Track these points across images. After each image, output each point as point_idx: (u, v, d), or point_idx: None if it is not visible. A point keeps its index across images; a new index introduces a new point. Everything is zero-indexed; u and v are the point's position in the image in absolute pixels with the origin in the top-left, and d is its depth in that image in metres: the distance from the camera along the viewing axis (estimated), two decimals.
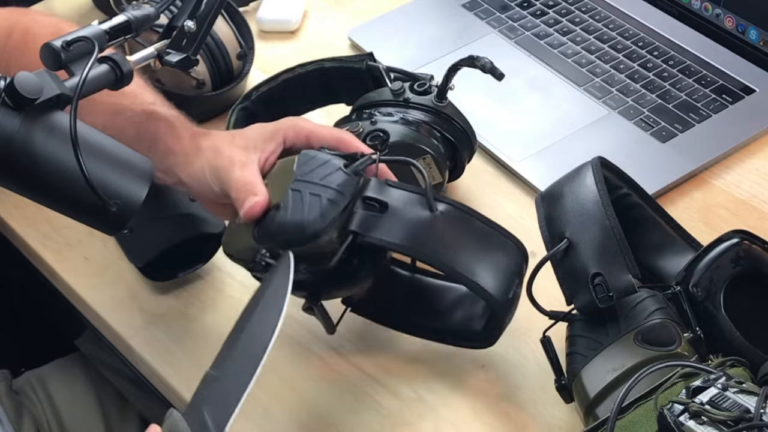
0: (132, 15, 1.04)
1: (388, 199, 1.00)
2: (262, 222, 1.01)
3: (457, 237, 1.01)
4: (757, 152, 1.28)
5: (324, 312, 1.03)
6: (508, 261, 1.02)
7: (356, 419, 1.06)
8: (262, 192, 1.01)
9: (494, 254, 1.01)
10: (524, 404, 1.05)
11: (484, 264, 1.00)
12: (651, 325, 0.97)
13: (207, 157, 1.06)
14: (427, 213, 1.00)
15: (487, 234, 1.02)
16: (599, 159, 1.07)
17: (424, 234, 1.00)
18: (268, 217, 1.00)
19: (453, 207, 1.01)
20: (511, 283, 1.01)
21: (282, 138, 1.06)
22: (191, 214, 1.18)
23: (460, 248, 1.01)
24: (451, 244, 1.00)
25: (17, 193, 0.93)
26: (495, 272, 1.01)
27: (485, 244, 1.01)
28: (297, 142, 1.06)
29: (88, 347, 1.37)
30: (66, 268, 1.23)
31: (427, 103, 1.18)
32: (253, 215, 1.00)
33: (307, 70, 1.27)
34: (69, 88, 0.92)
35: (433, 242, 1.00)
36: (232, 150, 1.05)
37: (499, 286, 1.00)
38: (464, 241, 1.01)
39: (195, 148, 1.07)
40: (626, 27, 1.42)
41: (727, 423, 0.81)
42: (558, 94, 1.35)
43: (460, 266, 1.00)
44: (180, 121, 1.10)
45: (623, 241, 0.99)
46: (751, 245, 1.02)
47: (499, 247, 1.02)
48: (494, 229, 1.03)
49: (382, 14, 1.49)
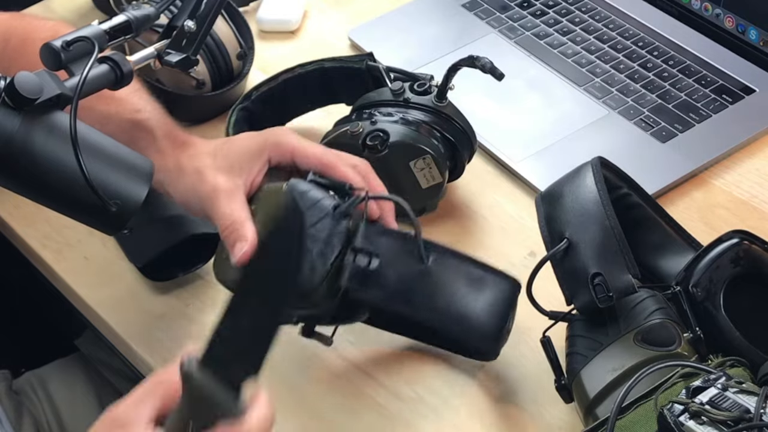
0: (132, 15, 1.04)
1: (379, 249, 0.99)
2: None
3: (449, 285, 1.01)
4: (757, 152, 1.28)
5: (318, 334, 1.04)
6: (500, 301, 1.02)
7: (356, 419, 1.06)
8: (252, 234, 0.99)
9: (490, 301, 1.02)
10: (524, 404, 1.05)
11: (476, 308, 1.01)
12: (651, 325, 0.97)
13: (191, 180, 1.05)
14: (419, 265, 1.00)
15: (478, 277, 1.02)
16: (599, 159, 1.07)
17: (416, 288, 1.00)
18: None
19: (444, 255, 1.01)
20: (504, 321, 1.02)
21: (267, 156, 1.05)
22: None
23: (452, 297, 1.01)
24: (443, 294, 1.01)
25: (17, 193, 0.93)
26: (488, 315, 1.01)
27: (480, 290, 1.02)
28: (282, 160, 1.05)
29: (88, 347, 1.37)
30: (66, 268, 1.23)
31: (427, 103, 1.18)
32: (244, 263, 0.98)
33: (307, 70, 1.27)
34: (69, 88, 0.92)
35: (425, 296, 1.00)
36: (215, 175, 1.04)
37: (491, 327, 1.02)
38: (455, 289, 1.01)
39: (177, 168, 1.06)
40: (626, 27, 1.42)
41: (727, 423, 0.81)
42: (558, 94, 1.35)
43: (452, 316, 1.01)
44: (163, 131, 1.09)
45: (623, 241, 0.99)
46: (751, 245, 1.02)
47: (494, 292, 1.02)
48: (485, 271, 1.03)
49: (382, 14, 1.49)
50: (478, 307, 1.01)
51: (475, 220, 1.22)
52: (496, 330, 1.02)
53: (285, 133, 1.07)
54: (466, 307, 1.01)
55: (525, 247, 1.17)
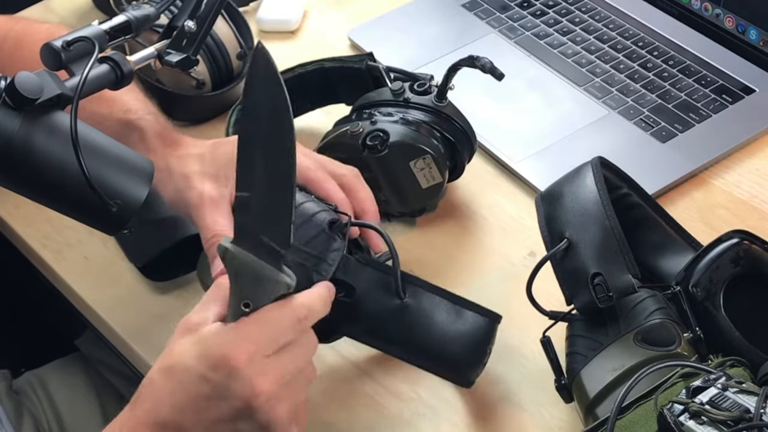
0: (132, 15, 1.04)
1: (356, 282, 0.99)
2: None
3: (425, 322, 1.00)
4: (757, 152, 1.28)
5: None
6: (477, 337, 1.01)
7: (356, 419, 1.06)
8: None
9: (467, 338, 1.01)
10: (524, 404, 1.05)
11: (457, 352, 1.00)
12: (651, 325, 0.97)
13: (178, 185, 1.05)
14: (396, 301, 0.99)
15: (459, 316, 1.01)
16: (599, 159, 1.07)
17: (391, 324, 0.99)
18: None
19: (421, 291, 1.00)
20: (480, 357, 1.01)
21: None
22: None
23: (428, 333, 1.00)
24: (418, 330, 1.00)
25: (17, 193, 0.93)
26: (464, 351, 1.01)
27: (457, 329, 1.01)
28: None
29: (88, 347, 1.37)
30: (66, 268, 1.23)
31: (427, 103, 1.18)
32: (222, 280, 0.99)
33: (307, 70, 1.27)
34: (69, 88, 0.92)
35: (400, 332, 1.00)
36: (202, 182, 1.04)
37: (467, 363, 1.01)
38: (432, 326, 1.00)
39: (166, 169, 1.06)
40: (626, 27, 1.42)
41: (727, 423, 0.81)
42: (558, 94, 1.35)
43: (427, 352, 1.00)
44: (152, 129, 1.09)
45: (623, 241, 0.99)
46: (751, 245, 1.02)
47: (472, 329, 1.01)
48: (463, 307, 1.01)
49: (382, 14, 1.49)
50: (455, 344, 1.00)
51: (475, 220, 1.22)
52: (471, 365, 1.02)
53: None
54: (441, 344, 1.00)
55: (525, 247, 1.17)
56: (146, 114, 1.11)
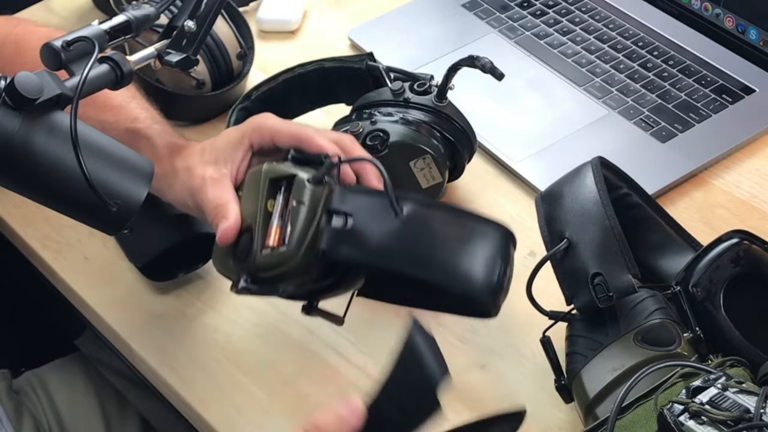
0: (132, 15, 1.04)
1: (352, 208, 0.97)
2: (238, 248, 1.00)
3: (429, 237, 0.97)
4: (757, 152, 1.28)
5: (324, 312, 1.02)
6: (486, 247, 0.97)
7: None
8: (234, 214, 1.00)
9: (473, 247, 0.97)
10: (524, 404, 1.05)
11: (463, 261, 0.96)
12: (651, 325, 0.97)
13: (182, 179, 1.06)
14: (393, 218, 0.97)
15: (462, 226, 0.98)
16: (599, 159, 1.07)
17: (393, 241, 0.97)
18: (242, 243, 0.99)
19: (419, 205, 0.98)
20: (493, 268, 0.97)
21: (248, 143, 1.05)
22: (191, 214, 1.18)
23: (434, 249, 0.97)
24: (422, 244, 0.97)
25: (17, 193, 0.93)
26: (472, 263, 0.96)
27: (461, 238, 0.97)
28: (263, 143, 1.05)
29: (88, 347, 1.37)
30: (66, 268, 1.23)
31: (427, 103, 1.18)
32: (226, 241, 0.99)
33: (307, 70, 1.27)
34: (69, 88, 0.92)
35: (404, 248, 0.97)
36: (203, 168, 1.05)
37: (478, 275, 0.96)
38: (437, 240, 0.97)
39: (172, 171, 1.07)
40: (626, 27, 1.42)
41: (727, 423, 0.81)
42: (558, 94, 1.35)
43: (435, 265, 0.97)
44: (160, 138, 1.10)
45: (623, 241, 0.99)
46: (751, 245, 1.02)
47: (478, 237, 0.98)
48: (470, 218, 0.99)
49: (382, 14, 1.49)
50: (464, 255, 0.97)
51: None
52: (486, 278, 0.97)
53: (264, 117, 1.08)
54: (449, 255, 0.96)
55: (525, 247, 1.17)
56: (153, 123, 1.12)
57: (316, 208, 0.97)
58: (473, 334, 1.12)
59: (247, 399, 1.09)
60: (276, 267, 0.96)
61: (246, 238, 0.99)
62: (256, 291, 0.98)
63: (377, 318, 1.14)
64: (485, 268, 0.96)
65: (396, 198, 0.97)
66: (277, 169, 1.00)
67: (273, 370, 1.11)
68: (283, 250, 0.96)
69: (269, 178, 1.00)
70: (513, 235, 0.98)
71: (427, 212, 0.98)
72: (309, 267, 0.97)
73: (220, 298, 1.18)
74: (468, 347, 1.11)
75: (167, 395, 1.13)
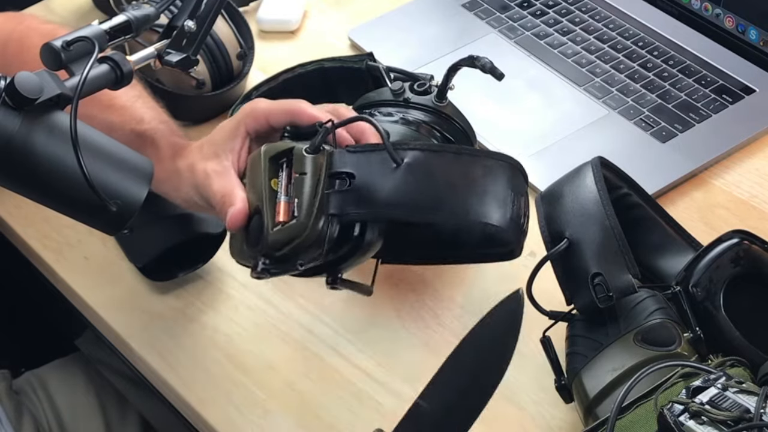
0: (132, 15, 1.04)
1: (353, 167, 0.97)
2: (250, 233, 1.00)
3: (434, 180, 0.97)
4: (757, 152, 1.28)
5: (350, 283, 1.01)
6: (496, 182, 0.97)
7: (356, 419, 1.06)
8: (240, 199, 1.00)
9: (479, 182, 0.97)
10: (524, 404, 1.05)
11: (471, 197, 0.96)
12: (651, 325, 0.97)
13: (186, 178, 1.06)
14: (395, 169, 0.96)
15: (465, 164, 0.98)
16: (599, 159, 1.07)
17: (398, 192, 0.96)
18: (253, 226, 0.99)
19: (419, 151, 0.97)
20: (505, 200, 0.97)
21: (244, 130, 1.05)
22: (191, 214, 1.18)
23: (440, 191, 0.97)
24: (430, 189, 0.97)
25: (17, 193, 0.93)
26: (485, 200, 0.96)
27: (465, 176, 0.97)
28: (259, 128, 1.05)
29: (88, 347, 1.37)
30: (66, 268, 1.23)
31: (427, 103, 1.18)
32: (235, 226, 0.99)
33: (307, 70, 1.27)
34: (69, 88, 0.92)
35: (410, 196, 0.96)
36: (204, 163, 1.05)
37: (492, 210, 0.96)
38: (442, 182, 0.97)
39: (176, 172, 1.07)
40: (626, 27, 1.42)
41: (727, 423, 0.81)
42: (558, 94, 1.35)
43: (445, 211, 0.96)
44: (164, 140, 1.09)
45: (623, 241, 0.99)
46: (751, 245, 1.02)
47: (482, 172, 0.97)
48: (472, 155, 0.98)
49: (382, 14, 1.49)
50: (473, 193, 0.96)
51: None
52: (500, 211, 0.96)
53: (255, 102, 1.07)
54: (457, 195, 0.96)
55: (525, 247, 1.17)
56: (158, 123, 1.12)
57: (318, 176, 0.97)
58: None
59: (247, 399, 1.09)
60: (290, 242, 0.96)
61: (256, 220, 0.99)
62: (276, 271, 0.97)
63: (377, 318, 1.14)
64: (498, 203, 0.96)
65: (394, 148, 0.97)
66: (274, 147, 1.01)
67: (273, 370, 1.11)
68: (293, 223, 0.96)
69: (268, 157, 1.00)
70: (521, 166, 0.99)
71: (428, 157, 0.97)
72: (322, 235, 0.96)
73: (220, 298, 1.18)
74: None
75: (167, 395, 1.13)
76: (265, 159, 1.00)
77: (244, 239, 1.00)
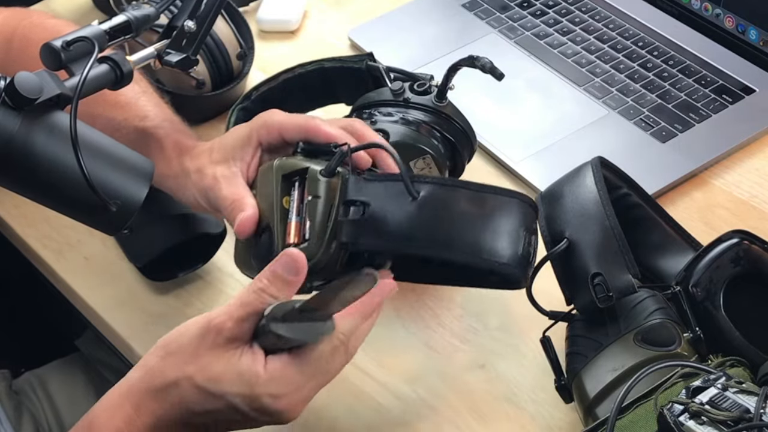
0: (132, 15, 1.04)
1: (369, 197, 0.97)
2: (257, 247, 1.00)
3: (448, 216, 0.97)
4: (757, 152, 1.28)
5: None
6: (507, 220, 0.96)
7: (356, 419, 1.06)
8: (251, 206, 1.00)
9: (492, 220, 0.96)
10: (524, 404, 1.05)
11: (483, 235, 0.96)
12: (651, 325, 0.97)
13: (193, 180, 1.06)
14: (410, 202, 0.96)
15: (479, 200, 0.97)
16: (599, 159, 1.07)
17: (413, 224, 0.96)
18: (262, 242, 0.99)
19: (435, 185, 0.97)
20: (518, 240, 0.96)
21: (257, 140, 1.05)
22: (191, 214, 1.18)
23: (454, 228, 0.96)
24: (443, 226, 0.96)
25: (17, 193, 0.93)
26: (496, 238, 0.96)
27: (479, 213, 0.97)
28: (271, 140, 1.05)
29: (88, 347, 1.37)
30: (66, 268, 1.23)
31: (427, 103, 1.18)
32: (245, 233, 0.99)
33: (307, 70, 1.27)
34: (69, 88, 0.92)
35: (424, 230, 0.96)
36: (213, 167, 1.04)
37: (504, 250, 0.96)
38: (457, 218, 0.97)
39: (183, 172, 1.07)
40: (626, 27, 1.42)
41: (727, 423, 0.81)
42: (558, 94, 1.35)
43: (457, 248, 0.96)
44: (169, 138, 1.09)
45: (623, 241, 0.99)
46: (751, 245, 1.02)
47: (496, 210, 0.97)
48: (486, 192, 0.97)
49: (382, 14, 1.49)
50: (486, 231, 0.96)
51: None
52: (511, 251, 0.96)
53: (270, 113, 1.07)
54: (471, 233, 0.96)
55: None
56: (163, 121, 1.11)
57: (332, 201, 0.97)
58: (473, 334, 1.12)
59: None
60: None
61: (266, 237, 0.99)
62: None
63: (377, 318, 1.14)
64: (510, 242, 0.96)
65: (411, 180, 0.96)
66: (288, 164, 1.00)
67: None
68: (304, 246, 0.96)
69: (281, 174, 0.99)
70: (532, 202, 0.99)
71: (444, 192, 0.97)
72: (333, 260, 0.97)
73: (220, 298, 1.18)
74: (468, 347, 1.11)
75: None
76: (278, 176, 0.99)
77: (252, 251, 1.00)
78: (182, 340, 0.89)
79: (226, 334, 0.88)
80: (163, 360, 0.89)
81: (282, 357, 0.88)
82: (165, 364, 0.89)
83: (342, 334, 0.90)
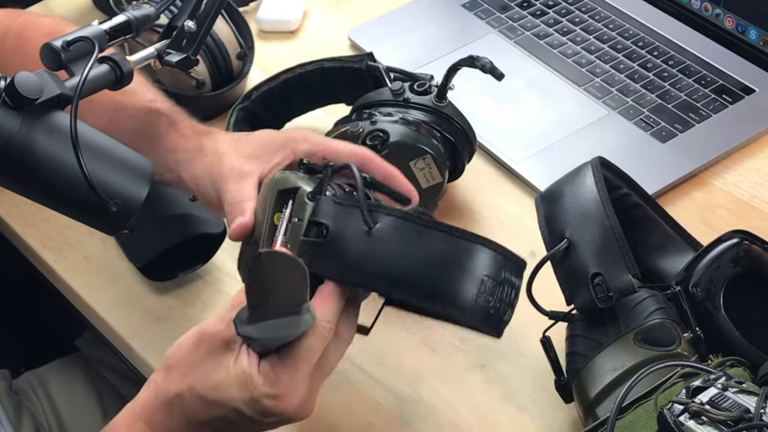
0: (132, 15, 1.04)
1: (331, 220, 0.91)
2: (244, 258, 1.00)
3: (400, 253, 0.90)
4: (757, 152, 1.28)
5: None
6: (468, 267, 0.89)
7: (356, 419, 1.06)
8: (249, 213, 1.00)
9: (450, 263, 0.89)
10: (524, 404, 1.05)
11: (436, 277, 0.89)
12: (651, 325, 0.97)
13: (208, 161, 1.05)
14: (364, 231, 0.90)
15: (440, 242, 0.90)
16: (599, 159, 1.07)
17: (363, 258, 0.90)
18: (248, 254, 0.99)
19: (397, 218, 0.90)
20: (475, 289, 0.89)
21: (291, 152, 1.03)
22: (191, 214, 1.18)
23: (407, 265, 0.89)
24: (396, 262, 0.90)
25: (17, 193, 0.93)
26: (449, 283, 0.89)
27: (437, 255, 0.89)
28: (312, 158, 1.01)
29: (88, 347, 1.37)
30: (66, 268, 1.23)
31: (427, 103, 1.18)
32: (237, 237, 0.99)
33: (307, 70, 1.27)
34: (69, 88, 0.92)
35: (375, 266, 0.90)
36: (233, 159, 1.04)
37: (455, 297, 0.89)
38: (409, 256, 0.89)
39: (198, 148, 1.06)
40: (626, 27, 1.42)
41: (727, 423, 0.81)
42: (558, 94, 1.35)
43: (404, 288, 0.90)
44: (182, 117, 1.10)
45: (623, 241, 0.99)
46: (751, 245, 1.02)
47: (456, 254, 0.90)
48: (453, 235, 0.90)
49: (382, 14, 1.49)
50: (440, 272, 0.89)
51: (476, 220, 1.22)
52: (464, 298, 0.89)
53: (313, 133, 1.06)
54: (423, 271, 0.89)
55: (525, 247, 1.17)
56: (172, 105, 1.12)
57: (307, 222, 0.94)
58: (473, 334, 1.12)
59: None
60: None
61: (252, 248, 0.99)
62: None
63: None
64: (465, 289, 0.89)
65: (370, 210, 0.91)
66: (285, 180, 0.97)
67: None
68: None
69: (278, 189, 0.97)
70: (512, 255, 0.92)
71: (404, 226, 0.90)
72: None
73: (220, 298, 1.18)
74: (468, 347, 1.11)
75: None
76: (274, 190, 0.97)
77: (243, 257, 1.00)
78: (180, 352, 0.91)
79: (220, 337, 0.88)
80: (166, 375, 0.90)
81: (272, 358, 0.88)
82: (168, 378, 0.90)
83: (327, 322, 0.88)
